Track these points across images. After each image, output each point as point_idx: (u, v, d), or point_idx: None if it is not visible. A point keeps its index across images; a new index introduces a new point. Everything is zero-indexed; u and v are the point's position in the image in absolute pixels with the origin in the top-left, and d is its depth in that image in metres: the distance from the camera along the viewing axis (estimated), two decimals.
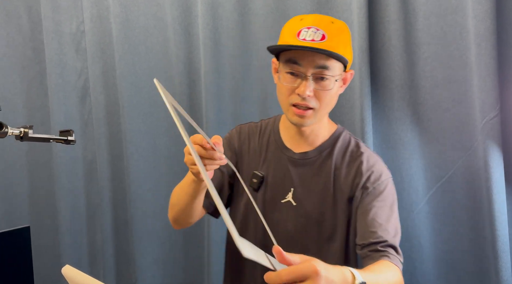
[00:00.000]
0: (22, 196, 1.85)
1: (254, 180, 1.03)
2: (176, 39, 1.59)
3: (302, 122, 0.95)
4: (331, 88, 0.92)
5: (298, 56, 0.91)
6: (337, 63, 0.92)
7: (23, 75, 1.81)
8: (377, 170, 0.98)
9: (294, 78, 0.92)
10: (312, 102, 0.92)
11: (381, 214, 0.93)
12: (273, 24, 1.46)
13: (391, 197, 0.98)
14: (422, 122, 1.28)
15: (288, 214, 1.01)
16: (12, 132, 0.71)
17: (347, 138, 1.04)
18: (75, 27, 1.73)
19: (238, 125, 1.14)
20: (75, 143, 0.79)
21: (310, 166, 1.01)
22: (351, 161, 1.00)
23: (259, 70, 1.50)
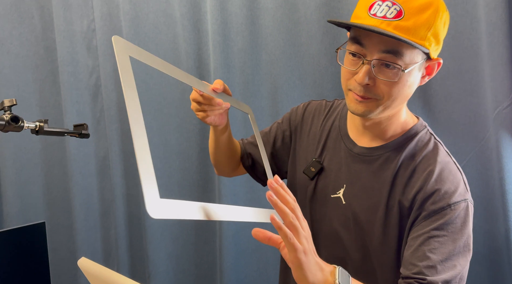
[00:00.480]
0: (37, 193, 1.88)
1: (312, 169, 0.92)
2: (185, 36, 1.60)
3: (360, 110, 0.78)
4: (396, 80, 0.74)
5: (363, 35, 0.74)
6: (415, 49, 0.73)
7: (37, 74, 1.84)
8: (447, 188, 0.76)
9: (355, 60, 0.77)
10: (371, 92, 0.76)
11: (437, 247, 0.73)
12: (282, 18, 1.46)
13: (459, 228, 0.75)
14: (433, 114, 1.28)
15: (336, 211, 0.88)
16: (27, 126, 0.72)
17: (426, 139, 0.83)
18: (86, 25, 1.76)
19: (308, 101, 1.03)
20: (89, 136, 0.81)
21: (369, 165, 0.85)
22: (420, 168, 0.79)
23: (269, 64, 1.50)
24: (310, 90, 1.46)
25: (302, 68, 1.46)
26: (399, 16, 0.72)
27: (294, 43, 1.46)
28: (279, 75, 1.48)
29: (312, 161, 0.93)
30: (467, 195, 0.78)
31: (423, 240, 0.74)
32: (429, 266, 0.72)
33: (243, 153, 1.06)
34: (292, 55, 1.46)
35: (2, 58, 1.81)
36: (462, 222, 0.75)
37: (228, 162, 1.04)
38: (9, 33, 1.81)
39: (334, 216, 0.89)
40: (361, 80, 0.75)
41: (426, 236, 0.74)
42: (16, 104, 0.69)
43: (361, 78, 0.75)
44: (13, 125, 0.68)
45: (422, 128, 0.86)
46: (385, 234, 0.81)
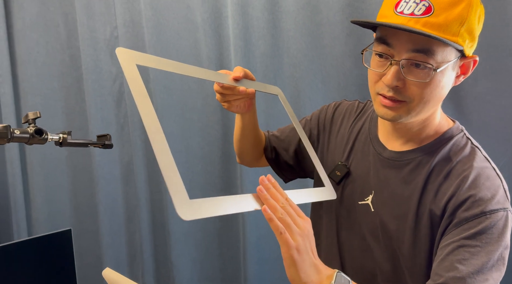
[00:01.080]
0: (64, 199, 1.91)
1: (337, 173, 0.88)
2: (207, 41, 1.60)
3: (389, 115, 0.74)
4: (428, 80, 0.69)
5: (389, 34, 0.70)
6: (447, 46, 0.68)
7: (62, 82, 1.88)
8: (483, 194, 0.70)
9: (382, 61, 0.72)
10: (401, 95, 0.71)
11: (467, 258, 0.67)
12: (304, 21, 1.44)
13: (495, 239, 0.68)
14: (464, 115, 1.23)
15: (365, 219, 0.84)
16: (51, 139, 0.73)
17: (462, 144, 0.77)
18: (109, 32, 1.78)
19: (341, 100, 0.99)
20: (112, 147, 0.81)
21: (399, 170, 0.79)
22: (453, 173, 0.74)
23: (291, 68, 1.48)
24: (334, 94, 1.43)
25: (326, 71, 1.43)
26: (428, 12, 0.67)
27: (316, 45, 1.43)
28: (302, 78, 1.46)
29: (338, 164, 0.89)
30: (507, 204, 0.71)
31: (452, 249, 0.68)
32: (456, 278, 0.66)
33: (267, 145, 1.03)
34: (315, 58, 1.44)
35: (29, 66, 1.85)
36: (500, 233, 0.68)
37: (252, 151, 1.02)
38: (35, 42, 1.85)
39: (363, 224, 0.84)
40: (390, 81, 0.70)
41: (456, 244, 0.69)
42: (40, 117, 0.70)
43: (390, 79, 0.70)
44: (37, 138, 0.68)
45: (458, 132, 0.80)
46: (415, 244, 0.76)
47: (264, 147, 1.03)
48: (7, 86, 1.82)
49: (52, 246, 1.33)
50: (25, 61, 1.85)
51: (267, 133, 1.05)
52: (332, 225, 0.91)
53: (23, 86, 1.86)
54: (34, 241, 1.30)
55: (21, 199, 1.86)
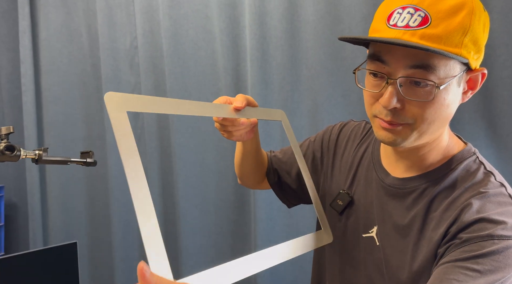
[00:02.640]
0: (80, 208, 1.90)
1: (339, 202, 0.79)
2: (224, 51, 1.54)
3: (390, 139, 0.65)
4: (430, 99, 0.61)
5: (383, 50, 0.62)
6: (450, 60, 0.60)
7: (83, 91, 1.88)
8: (493, 217, 0.59)
9: (377, 81, 0.64)
10: (402, 117, 0.63)
11: (462, 280, 0.57)
12: (324, 30, 1.35)
13: (498, 266, 0.57)
14: (500, 137, 1.09)
15: (370, 254, 0.74)
16: (25, 156, 0.68)
17: (473, 168, 0.67)
18: (128, 43, 1.76)
19: (347, 120, 0.90)
20: (96, 164, 0.75)
21: (402, 199, 0.71)
22: (460, 199, 0.64)
23: (309, 80, 1.39)
24: (354, 108, 1.33)
25: (346, 84, 1.34)
26: (425, 23, 0.59)
27: (336, 57, 1.34)
28: (320, 91, 1.36)
29: (340, 192, 0.80)
30: None
31: (446, 269, 0.58)
32: None
33: (269, 167, 0.95)
34: (335, 70, 1.34)
35: (52, 75, 1.87)
36: (508, 264, 0.56)
37: (254, 174, 0.94)
38: (59, 52, 1.87)
39: (368, 260, 0.74)
40: (387, 103, 0.61)
41: (451, 264, 0.58)
42: (13, 132, 0.65)
43: (387, 101, 0.61)
44: (7, 155, 0.63)
45: (470, 155, 0.69)
46: (416, 279, 0.65)
47: (267, 170, 0.95)
48: (30, 94, 1.85)
49: (57, 258, 1.30)
50: (48, 71, 1.88)
51: (269, 153, 0.97)
52: (335, 259, 0.81)
53: (46, 95, 1.88)
54: (39, 253, 1.28)
55: (38, 207, 1.87)
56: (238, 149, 0.91)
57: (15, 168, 2.00)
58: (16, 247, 2.03)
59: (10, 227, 2.04)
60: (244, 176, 0.95)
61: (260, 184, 0.97)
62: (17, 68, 1.93)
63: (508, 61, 1.07)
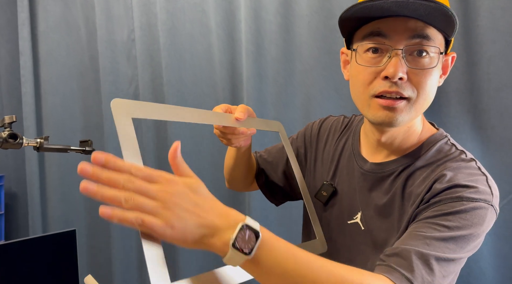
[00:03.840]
0: (79, 198, 1.94)
1: (323, 193, 0.82)
2: (220, 45, 1.57)
3: (391, 118, 0.66)
4: (434, 66, 0.64)
5: (384, 25, 0.64)
6: (438, 34, 0.65)
7: (81, 83, 1.91)
8: (463, 183, 0.63)
9: (378, 56, 0.65)
10: (406, 89, 0.64)
11: (428, 230, 0.60)
12: (317, 25, 1.38)
13: (465, 224, 0.60)
14: (485, 131, 1.13)
15: (355, 239, 0.78)
16: (27, 143, 0.71)
17: (446, 149, 0.71)
18: (126, 35, 1.79)
19: (326, 116, 0.93)
20: None
21: (381, 182, 0.75)
22: (434, 172, 0.67)
23: (303, 74, 1.42)
24: (346, 102, 1.36)
25: (338, 78, 1.37)
26: None
27: (329, 51, 1.37)
28: (314, 85, 1.40)
29: (324, 184, 0.83)
30: (490, 198, 0.63)
31: (416, 224, 0.61)
32: (410, 243, 0.58)
33: (258, 170, 0.99)
34: (328, 64, 1.37)
35: (50, 67, 1.89)
36: (475, 223, 0.60)
37: (245, 178, 0.98)
38: (57, 44, 1.89)
39: (353, 244, 0.78)
40: (394, 73, 0.63)
41: (422, 221, 0.61)
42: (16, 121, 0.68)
43: (394, 70, 0.63)
44: (11, 142, 0.67)
45: (442, 138, 0.73)
46: None
47: (256, 172, 0.98)
48: (29, 86, 1.88)
49: (56, 246, 1.34)
50: (47, 62, 1.90)
51: (255, 154, 1.01)
52: None
53: (44, 87, 1.91)
54: (38, 240, 1.31)
55: (37, 196, 1.90)
56: (230, 155, 0.92)
57: (15, 158, 2.03)
58: (15, 236, 2.07)
59: (10, 216, 2.08)
60: (235, 180, 0.97)
61: (250, 186, 1.00)
62: (16, 59, 1.95)
63: (495, 57, 1.10)
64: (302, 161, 0.92)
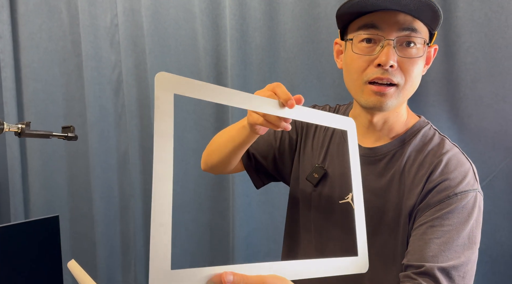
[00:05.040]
0: (62, 184, 1.93)
1: (315, 175, 0.87)
2: (204, 32, 1.56)
3: (381, 103, 0.75)
4: (421, 55, 0.74)
5: (377, 18, 0.73)
6: (424, 27, 0.74)
7: (63, 68, 1.88)
8: (454, 176, 0.74)
9: (371, 46, 0.74)
10: (396, 76, 0.73)
11: (440, 236, 0.70)
12: (301, 13, 1.38)
13: (464, 216, 0.72)
14: (462, 119, 1.16)
15: (346, 217, 0.83)
16: (9, 129, 0.71)
17: (430, 135, 0.82)
18: (109, 20, 1.76)
19: (312, 105, 0.98)
20: (77, 139, 0.79)
21: (374, 166, 0.82)
22: (426, 162, 0.77)
23: (287, 62, 1.43)
24: (328, 91, 1.38)
25: (321, 67, 1.38)
26: None
27: (313, 40, 1.38)
28: (297, 73, 1.41)
29: (315, 166, 0.89)
30: (476, 185, 0.75)
31: (426, 229, 0.72)
32: (428, 255, 0.70)
33: (247, 153, 0.99)
34: (311, 52, 1.39)
35: (32, 52, 1.86)
36: (469, 213, 0.72)
37: (234, 162, 0.95)
38: (38, 28, 1.86)
39: (344, 223, 0.83)
40: (386, 60, 0.72)
41: (429, 224, 0.72)
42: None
43: (386, 59, 0.72)
44: None
45: (425, 124, 0.84)
46: (396, 234, 0.78)
47: (244, 156, 0.99)
48: (9, 70, 1.84)
49: (39, 232, 1.34)
50: (27, 47, 1.86)
51: None
52: (309, 228, 0.89)
53: (25, 72, 1.88)
54: (21, 225, 1.31)
55: (19, 182, 1.89)
56: (235, 138, 0.87)
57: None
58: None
59: None
60: (223, 163, 0.95)
61: (231, 170, 1.00)
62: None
63: (472, 47, 1.13)
64: (293, 146, 0.96)
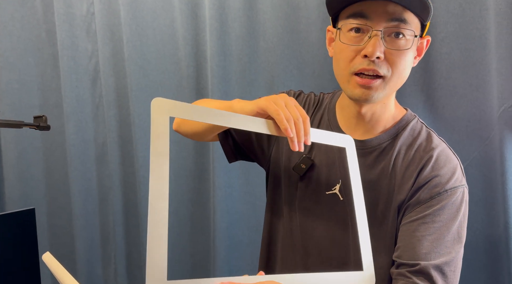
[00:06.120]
0: (38, 177, 1.89)
1: (302, 165, 0.86)
2: (183, 21, 1.55)
3: (367, 95, 0.74)
4: (409, 48, 0.72)
5: (366, 7, 0.71)
6: (415, 18, 0.73)
7: (38, 58, 1.83)
8: (444, 173, 0.76)
9: (359, 36, 0.73)
10: (382, 68, 0.72)
11: (431, 233, 0.72)
12: (281, 3, 1.38)
13: (453, 212, 0.74)
14: (437, 109, 1.19)
15: (333, 208, 0.84)
16: None
17: (418, 128, 0.83)
18: (85, 9, 1.72)
19: (299, 91, 0.96)
20: (49, 129, 0.77)
21: (364, 158, 0.81)
22: (416, 157, 0.78)
23: (267, 52, 1.43)
24: (308, 81, 1.39)
25: (301, 57, 1.39)
26: None
27: (292, 30, 1.38)
28: (277, 63, 1.41)
29: (303, 157, 0.87)
30: (464, 180, 0.78)
31: (418, 226, 0.73)
32: (422, 253, 0.71)
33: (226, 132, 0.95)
34: (290, 43, 1.39)
35: (4, 40, 1.80)
36: (457, 208, 0.75)
37: (206, 137, 0.95)
38: (11, 16, 1.80)
39: (331, 214, 0.84)
40: (373, 52, 0.70)
41: (420, 221, 0.73)
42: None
43: (373, 50, 0.70)
44: None
45: (413, 118, 0.84)
46: (385, 227, 0.79)
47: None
48: None
49: (14, 225, 1.31)
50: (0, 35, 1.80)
51: None
52: (295, 218, 0.89)
53: None
54: None
55: None
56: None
57: None
58: None
59: None
60: (195, 135, 0.95)
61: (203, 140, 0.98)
62: None
63: (447, 38, 1.15)
64: None
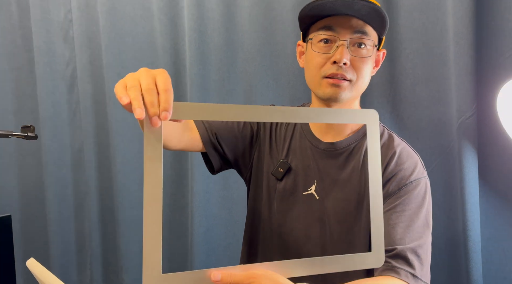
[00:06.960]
0: (11, 183, 1.87)
1: (280, 169, 0.95)
2: (162, 30, 1.58)
3: (337, 94, 0.84)
4: (370, 56, 0.85)
5: (334, 22, 0.84)
6: (373, 32, 0.86)
7: (13, 63, 1.82)
8: (407, 167, 0.86)
9: (328, 45, 0.85)
10: (349, 72, 0.84)
11: (403, 221, 0.81)
12: (258, 16, 1.44)
13: (419, 201, 0.84)
14: (402, 120, 1.28)
15: (310, 207, 0.91)
16: None
17: (381, 131, 0.92)
18: (63, 15, 1.73)
19: (271, 104, 1.05)
20: (37, 138, 0.80)
21: (335, 159, 0.91)
22: (382, 155, 0.86)
23: (245, 62, 1.49)
24: (284, 91, 1.45)
25: (277, 68, 1.45)
26: None
27: (269, 42, 1.44)
28: (254, 74, 1.47)
29: (280, 161, 0.95)
30: (425, 172, 0.88)
31: (390, 215, 0.82)
32: (397, 238, 0.79)
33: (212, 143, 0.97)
34: (267, 54, 1.45)
35: None
36: (423, 197, 0.84)
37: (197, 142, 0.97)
38: None
39: (308, 213, 0.91)
40: (340, 58, 0.82)
41: (392, 211, 0.82)
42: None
43: (340, 57, 0.82)
44: None
45: None
46: (359, 221, 0.87)
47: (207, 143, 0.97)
48: None
49: None
50: None
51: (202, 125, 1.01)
52: (274, 220, 0.95)
53: None
54: None
55: None
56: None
57: None
58: None
59: None
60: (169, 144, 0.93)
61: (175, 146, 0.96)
62: None
63: (411, 54, 1.24)
64: (254, 137, 1.00)
